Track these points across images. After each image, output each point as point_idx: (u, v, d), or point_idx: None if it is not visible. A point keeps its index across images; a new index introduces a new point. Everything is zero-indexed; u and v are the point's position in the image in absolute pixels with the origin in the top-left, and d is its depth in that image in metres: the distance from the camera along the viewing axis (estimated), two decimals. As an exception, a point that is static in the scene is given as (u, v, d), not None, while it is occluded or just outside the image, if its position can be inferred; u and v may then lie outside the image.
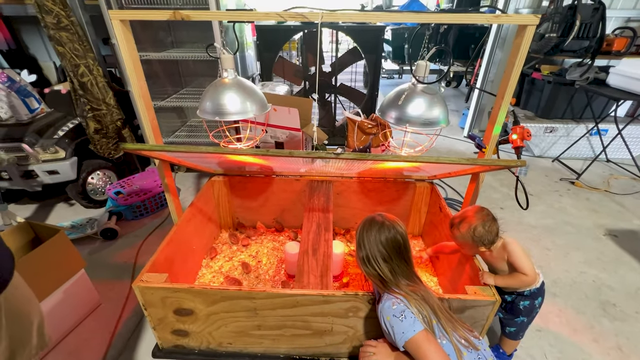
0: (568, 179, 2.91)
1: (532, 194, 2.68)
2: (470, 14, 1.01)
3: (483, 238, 1.16)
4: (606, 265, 1.95)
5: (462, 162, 1.02)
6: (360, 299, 1.16)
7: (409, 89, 1.15)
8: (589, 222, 2.34)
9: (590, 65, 2.85)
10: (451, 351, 0.89)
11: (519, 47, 1.05)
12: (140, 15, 1.12)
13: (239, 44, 2.07)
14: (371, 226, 1.03)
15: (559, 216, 2.40)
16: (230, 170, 1.93)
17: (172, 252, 1.43)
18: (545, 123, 3.14)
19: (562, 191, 2.73)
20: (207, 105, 1.17)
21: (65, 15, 1.89)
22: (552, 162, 3.24)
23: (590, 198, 2.63)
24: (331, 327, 1.26)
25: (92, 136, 2.19)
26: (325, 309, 1.19)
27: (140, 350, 1.42)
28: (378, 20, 1.30)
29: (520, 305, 1.25)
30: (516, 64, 1.07)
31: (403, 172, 1.80)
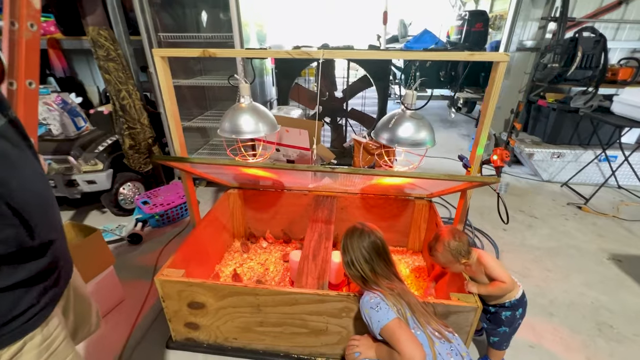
0: (576, 203, 2.93)
1: (537, 217, 2.72)
2: (449, 52, 1.19)
3: (459, 249, 1.27)
4: (607, 288, 1.97)
5: (441, 178, 1.17)
6: (352, 299, 1.28)
7: (398, 114, 1.32)
8: (593, 246, 2.35)
9: (594, 93, 2.94)
10: (424, 340, 1.00)
11: (493, 80, 1.21)
12: (177, 53, 1.38)
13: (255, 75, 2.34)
14: (353, 233, 1.20)
15: (563, 239, 2.43)
16: (245, 184, 2.13)
17: (190, 253, 1.62)
18: (552, 148, 3.20)
19: (568, 215, 2.75)
20: (226, 125, 1.39)
21: (113, 49, 2.22)
22: (561, 187, 3.27)
23: (597, 223, 2.64)
24: (326, 327, 1.38)
25: (127, 151, 2.47)
26: (321, 308, 1.32)
27: (156, 341, 1.58)
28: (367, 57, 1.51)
29: (502, 316, 1.33)
30: (492, 94, 1.22)
31: (401, 189, 1.93)
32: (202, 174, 1.75)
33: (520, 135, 3.55)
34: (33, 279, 0.64)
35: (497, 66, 1.19)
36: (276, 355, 1.49)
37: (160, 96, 2.59)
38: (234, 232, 2.23)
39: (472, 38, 4.46)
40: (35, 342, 0.64)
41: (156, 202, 2.49)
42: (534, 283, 2.00)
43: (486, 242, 2.39)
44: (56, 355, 0.69)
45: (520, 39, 3.24)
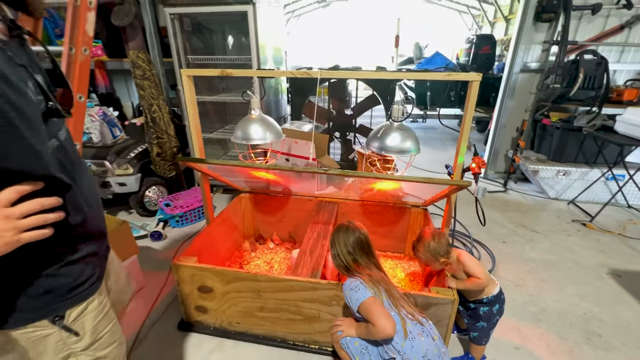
0: (581, 220, 2.95)
1: (539, 232, 2.76)
2: (429, 72, 1.38)
3: (438, 250, 1.40)
4: (602, 301, 2.00)
5: (420, 180, 1.33)
6: (341, 288, 1.43)
7: (386, 125, 1.51)
8: (593, 261, 2.38)
9: (598, 113, 3.01)
10: (397, 320, 1.14)
11: (469, 98, 1.38)
12: (199, 73, 1.65)
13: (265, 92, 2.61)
14: (340, 229, 1.38)
15: (562, 253, 2.47)
16: (256, 189, 2.35)
17: (202, 246, 1.82)
18: (558, 166, 3.25)
19: (571, 232, 2.78)
20: (238, 133, 1.62)
21: (148, 69, 2.57)
22: (568, 204, 3.28)
23: (600, 240, 2.66)
24: (318, 314, 1.53)
25: (154, 158, 2.77)
26: (314, 295, 1.48)
27: (169, 323, 1.77)
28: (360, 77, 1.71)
29: (480, 311, 1.43)
30: (468, 110, 1.39)
31: (397, 197, 2.09)
32: (218, 177, 1.98)
33: (526, 152, 3.62)
34: (91, 256, 0.83)
35: (471, 85, 1.37)
36: (274, 340, 1.64)
37: (185, 110, 2.90)
38: (244, 233, 2.44)
39: (480, 60, 4.62)
40: (94, 305, 0.83)
41: (177, 205, 2.75)
42: (527, 292, 2.06)
43: (483, 252, 2.46)
44: (107, 316, 0.88)
45: (525, 61, 3.37)
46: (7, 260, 0.64)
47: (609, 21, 3.21)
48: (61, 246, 0.75)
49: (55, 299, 0.75)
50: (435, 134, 6.01)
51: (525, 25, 3.19)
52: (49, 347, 0.77)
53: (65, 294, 0.76)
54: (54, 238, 0.69)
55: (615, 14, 3.16)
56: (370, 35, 13.79)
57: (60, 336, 0.77)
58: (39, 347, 0.76)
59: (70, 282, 0.77)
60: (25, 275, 0.71)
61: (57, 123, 0.75)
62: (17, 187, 0.62)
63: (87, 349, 0.82)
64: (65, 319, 0.77)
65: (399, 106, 1.48)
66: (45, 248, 0.70)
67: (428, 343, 1.15)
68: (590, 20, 3.21)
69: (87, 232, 0.81)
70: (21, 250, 0.64)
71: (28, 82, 0.65)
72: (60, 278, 0.75)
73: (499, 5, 7.76)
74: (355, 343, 1.25)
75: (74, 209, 0.75)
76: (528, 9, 3.14)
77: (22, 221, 0.62)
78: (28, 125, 0.62)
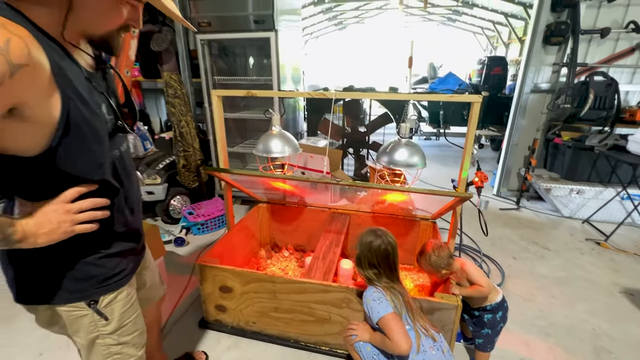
0: (595, 239, 2.94)
1: (550, 249, 2.77)
2: (435, 94, 1.52)
3: (438, 263, 1.49)
4: (613, 318, 2.00)
5: (425, 192, 1.45)
6: (350, 291, 1.54)
7: (394, 142, 1.65)
8: (606, 280, 2.37)
9: (609, 132, 3.04)
10: (412, 335, 1.22)
11: (470, 117, 1.51)
12: (228, 93, 1.85)
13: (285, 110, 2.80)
14: (368, 234, 1.38)
15: (574, 271, 2.47)
16: (273, 199, 2.50)
17: (223, 250, 1.97)
18: (571, 185, 3.27)
19: (584, 250, 2.78)
20: (260, 146, 1.80)
21: (179, 89, 2.83)
22: (582, 223, 3.27)
23: (614, 259, 2.64)
24: (329, 316, 1.63)
25: (180, 170, 2.99)
26: (325, 297, 1.59)
27: (190, 321, 1.91)
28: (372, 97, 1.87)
29: (484, 319, 1.50)
30: (470, 128, 1.51)
31: (406, 210, 2.19)
32: (239, 186, 2.14)
33: (539, 171, 3.65)
34: (127, 252, 0.97)
35: (473, 106, 1.49)
36: (287, 340, 1.74)
37: (211, 125, 3.14)
38: (261, 241, 2.57)
39: (492, 80, 4.73)
40: (123, 295, 0.96)
41: (199, 213, 2.94)
42: (536, 307, 2.09)
43: (493, 267, 2.50)
44: (133, 307, 1.00)
45: (535, 82, 3.46)
46: (61, 247, 0.78)
47: (619, 44, 3.28)
48: (103, 240, 0.89)
49: (92, 285, 0.88)
50: (449, 151, 6.06)
51: (535, 48, 3.31)
52: (82, 327, 0.90)
53: (101, 282, 0.89)
54: (98, 232, 0.83)
55: (624, 37, 3.24)
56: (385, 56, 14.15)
57: (93, 318, 0.89)
58: (75, 325, 0.89)
59: (107, 273, 0.90)
60: (72, 260, 0.85)
61: (121, 137, 0.93)
62: (78, 188, 0.78)
63: (113, 333, 0.94)
64: (99, 304, 0.89)
65: (407, 124, 1.61)
66: (91, 240, 0.85)
67: (438, 357, 1.22)
68: (600, 43, 3.29)
69: (126, 231, 0.95)
70: (72, 239, 0.78)
71: (102, 105, 0.82)
72: (99, 268, 0.89)
73: (512, 27, 7.91)
74: (367, 348, 1.32)
75: (118, 210, 0.90)
76: (537, 33, 3.26)
77: (78, 215, 0.78)
78: (96, 140, 0.79)
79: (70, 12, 0.71)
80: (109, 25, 0.79)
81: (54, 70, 0.67)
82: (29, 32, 0.64)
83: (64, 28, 0.72)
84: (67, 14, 0.71)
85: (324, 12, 9.37)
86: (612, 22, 3.19)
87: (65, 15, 0.71)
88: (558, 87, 3.38)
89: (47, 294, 0.84)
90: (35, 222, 0.72)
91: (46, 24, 0.70)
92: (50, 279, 0.83)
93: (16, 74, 0.60)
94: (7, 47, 0.59)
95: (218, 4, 2.67)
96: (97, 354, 0.93)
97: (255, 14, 2.66)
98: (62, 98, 0.70)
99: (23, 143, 0.69)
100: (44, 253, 0.79)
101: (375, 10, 10.06)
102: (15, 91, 0.61)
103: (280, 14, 2.72)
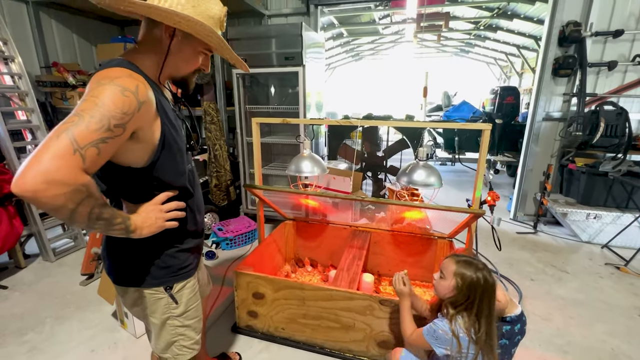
0: (614, 264, 2.95)
1: (569, 272, 2.81)
2: (448, 122, 1.72)
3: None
4: (632, 339, 2.02)
5: (440, 208, 1.61)
6: (373, 299, 1.68)
7: (413, 164, 1.84)
8: (625, 303, 2.39)
9: (622, 159, 3.14)
10: None
11: (482, 144, 1.69)
12: (265, 120, 2.11)
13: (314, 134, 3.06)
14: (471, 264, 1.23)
15: (593, 293, 2.50)
16: (298, 217, 2.70)
17: (254, 261, 2.16)
18: (587, 209, 3.33)
19: (603, 274, 2.80)
20: (292, 167, 2.03)
21: (216, 116, 3.15)
22: (602, 248, 3.28)
23: (634, 283, 2.65)
24: (354, 323, 1.76)
25: (212, 189, 3.26)
26: (351, 305, 1.73)
27: (223, 327, 2.07)
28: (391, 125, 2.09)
29: (503, 329, 1.59)
30: (482, 153, 1.69)
31: (423, 228, 2.33)
32: (270, 203, 2.36)
33: (555, 196, 3.73)
34: (194, 249, 1.18)
35: (483, 133, 1.69)
36: (313, 346, 1.87)
37: (241, 149, 3.42)
38: (286, 256, 2.75)
39: (505, 109, 4.92)
40: (189, 284, 1.16)
41: (227, 230, 3.16)
42: (554, 326, 2.13)
43: (510, 288, 2.56)
44: (195, 296, 1.20)
45: (547, 111, 3.62)
46: (150, 241, 0.99)
47: (627, 76, 3.44)
48: (179, 237, 1.10)
49: (169, 273, 1.08)
50: (465, 176, 6.16)
51: (544, 79, 3.51)
52: (159, 308, 1.09)
53: (176, 271, 1.10)
54: (177, 230, 1.05)
55: (632, 69, 3.40)
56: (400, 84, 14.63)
57: (167, 301, 1.09)
58: (154, 306, 1.09)
59: (180, 264, 1.11)
60: (158, 252, 1.06)
61: (190, 155, 1.18)
62: (167, 192, 1.01)
63: (180, 316, 1.13)
64: (173, 290, 1.10)
65: (425, 148, 1.81)
66: (171, 236, 1.06)
67: None
68: (609, 75, 3.46)
69: (195, 230, 1.17)
70: (157, 235, 0.99)
71: (181, 128, 1.08)
72: (176, 259, 1.10)
73: (525, 58, 8.17)
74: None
75: (190, 212, 1.13)
76: (546, 66, 3.47)
77: (167, 214, 1.01)
78: (179, 153, 1.03)
79: (166, 60, 0.98)
80: (189, 69, 1.06)
81: (157, 104, 0.92)
82: (144, 77, 0.90)
83: (161, 72, 0.99)
84: (164, 62, 0.98)
85: (342, 46, 9.97)
86: (618, 55, 3.37)
87: (163, 63, 0.98)
88: (569, 115, 3.53)
89: (138, 278, 1.05)
90: (141, 218, 0.94)
91: (148, 70, 0.97)
92: (140, 267, 1.05)
93: (141, 108, 0.85)
94: (136, 90, 0.84)
95: (254, 43, 3.04)
96: (166, 332, 1.12)
97: (285, 52, 3.00)
98: (161, 124, 0.94)
99: (137, 158, 0.93)
100: (137, 246, 1.01)
101: (390, 43, 10.61)
102: (139, 121, 0.86)
103: (307, 47, 3.04)
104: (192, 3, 0.93)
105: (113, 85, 0.81)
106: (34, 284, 2.59)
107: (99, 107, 0.77)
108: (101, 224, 0.83)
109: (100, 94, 0.79)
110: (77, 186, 0.73)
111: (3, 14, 3.19)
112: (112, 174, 0.94)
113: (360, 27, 8.39)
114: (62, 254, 3.03)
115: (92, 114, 0.76)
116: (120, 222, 0.87)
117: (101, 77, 0.83)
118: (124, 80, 0.83)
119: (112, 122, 0.78)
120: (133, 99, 0.83)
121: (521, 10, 6.16)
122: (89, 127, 0.75)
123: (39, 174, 0.68)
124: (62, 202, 0.72)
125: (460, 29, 8.62)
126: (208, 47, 1.04)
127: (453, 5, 6.64)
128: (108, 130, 0.78)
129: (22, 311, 2.25)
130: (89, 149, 0.75)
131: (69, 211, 0.74)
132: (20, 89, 2.92)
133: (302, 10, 3.95)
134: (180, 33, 0.96)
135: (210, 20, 0.97)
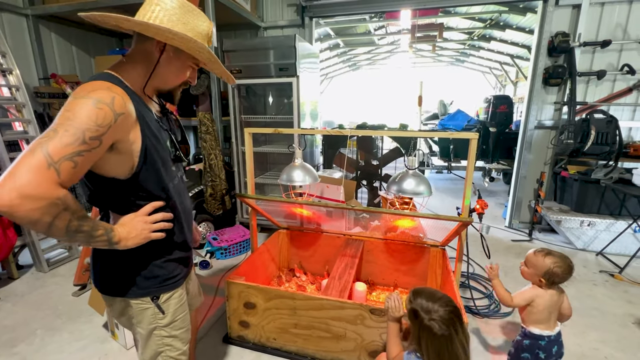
0: (609, 271, 2.95)
1: (563, 280, 2.80)
2: (436, 131, 1.75)
3: (553, 271, 1.51)
4: (626, 348, 2.01)
5: (430, 217, 1.63)
6: (364, 308, 1.68)
7: (403, 173, 1.86)
8: (619, 311, 2.38)
9: (614, 167, 3.17)
10: None
11: (470, 152, 1.72)
12: (258, 130, 2.14)
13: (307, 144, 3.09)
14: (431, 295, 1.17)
15: (586, 301, 2.50)
16: (292, 225, 2.71)
17: (247, 270, 2.16)
18: (581, 217, 3.34)
19: (598, 281, 2.79)
20: (284, 176, 2.05)
21: (211, 126, 3.19)
22: (596, 256, 3.28)
23: (629, 291, 2.65)
24: (345, 333, 1.76)
25: (207, 198, 3.27)
26: (341, 314, 1.73)
27: (215, 338, 2.06)
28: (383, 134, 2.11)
29: (523, 344, 1.58)
30: (469, 162, 1.72)
31: (416, 236, 2.34)
32: (264, 212, 2.37)
33: (549, 203, 3.75)
34: (182, 259, 1.18)
35: (470, 142, 1.71)
36: (305, 357, 1.86)
37: (236, 158, 3.45)
38: (280, 265, 2.74)
39: (498, 117, 4.98)
40: (176, 295, 1.16)
41: (222, 239, 3.16)
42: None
43: (504, 295, 2.55)
44: (183, 307, 1.20)
45: (538, 119, 3.67)
46: (137, 252, 1.00)
47: (616, 84, 3.50)
48: (167, 247, 1.10)
49: (156, 283, 1.09)
50: (461, 184, 6.19)
51: (535, 88, 3.56)
52: (145, 318, 1.09)
53: (163, 281, 1.10)
54: (164, 241, 1.05)
55: (621, 78, 3.46)
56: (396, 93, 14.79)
57: (153, 311, 1.09)
58: (140, 316, 1.09)
59: (167, 274, 1.11)
60: (145, 262, 1.06)
61: (179, 165, 1.19)
62: (153, 203, 1.03)
63: (167, 326, 1.13)
64: (159, 300, 1.10)
65: (413, 157, 1.84)
66: (158, 247, 1.07)
67: None
68: (598, 84, 3.52)
69: (183, 241, 1.18)
70: (145, 246, 1.00)
71: (167, 139, 1.09)
72: (163, 269, 1.10)
73: (519, 67, 8.29)
74: None
75: (178, 224, 1.14)
76: (536, 75, 3.53)
77: (153, 225, 1.02)
78: (163, 165, 1.04)
79: (154, 73, 1.01)
80: (176, 82, 1.08)
81: (138, 115, 0.94)
82: (123, 90, 0.92)
83: (146, 85, 1.01)
84: (151, 75, 1.01)
85: (338, 56, 10.10)
86: (607, 65, 3.44)
87: (149, 76, 1.00)
88: (561, 123, 3.57)
89: (124, 288, 1.06)
90: (126, 229, 0.95)
91: (133, 82, 0.99)
92: (126, 277, 1.06)
93: (117, 120, 0.87)
94: (112, 102, 0.86)
95: (249, 55, 3.09)
96: (153, 343, 1.12)
97: (280, 63, 3.05)
98: (142, 136, 0.96)
99: (119, 169, 0.94)
100: (124, 256, 1.02)
101: (386, 53, 10.76)
102: (117, 132, 0.88)
103: (301, 58, 3.09)
104: (182, 20, 0.97)
105: (87, 99, 0.83)
106: (26, 295, 2.57)
107: (72, 121, 0.79)
108: (81, 236, 0.84)
109: (74, 107, 0.81)
110: (52, 200, 0.74)
111: (3, 27, 3.25)
112: (98, 185, 0.96)
113: (356, 38, 8.52)
114: (56, 265, 3.02)
115: (66, 127, 0.78)
116: (102, 234, 0.88)
117: (78, 91, 0.86)
118: (99, 93, 0.85)
119: (87, 135, 0.80)
120: (108, 111, 0.84)
121: (513, 21, 6.29)
122: (63, 141, 0.76)
123: (14, 189, 0.69)
124: (38, 216, 0.73)
125: (454, 39, 8.76)
126: (196, 62, 1.07)
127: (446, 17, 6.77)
128: (83, 143, 0.79)
129: (13, 322, 2.24)
130: (64, 163, 0.76)
131: (46, 224, 0.75)
132: (17, 101, 2.95)
133: (297, 22, 4.03)
134: (171, 48, 0.99)
135: (199, 36, 1.00)
